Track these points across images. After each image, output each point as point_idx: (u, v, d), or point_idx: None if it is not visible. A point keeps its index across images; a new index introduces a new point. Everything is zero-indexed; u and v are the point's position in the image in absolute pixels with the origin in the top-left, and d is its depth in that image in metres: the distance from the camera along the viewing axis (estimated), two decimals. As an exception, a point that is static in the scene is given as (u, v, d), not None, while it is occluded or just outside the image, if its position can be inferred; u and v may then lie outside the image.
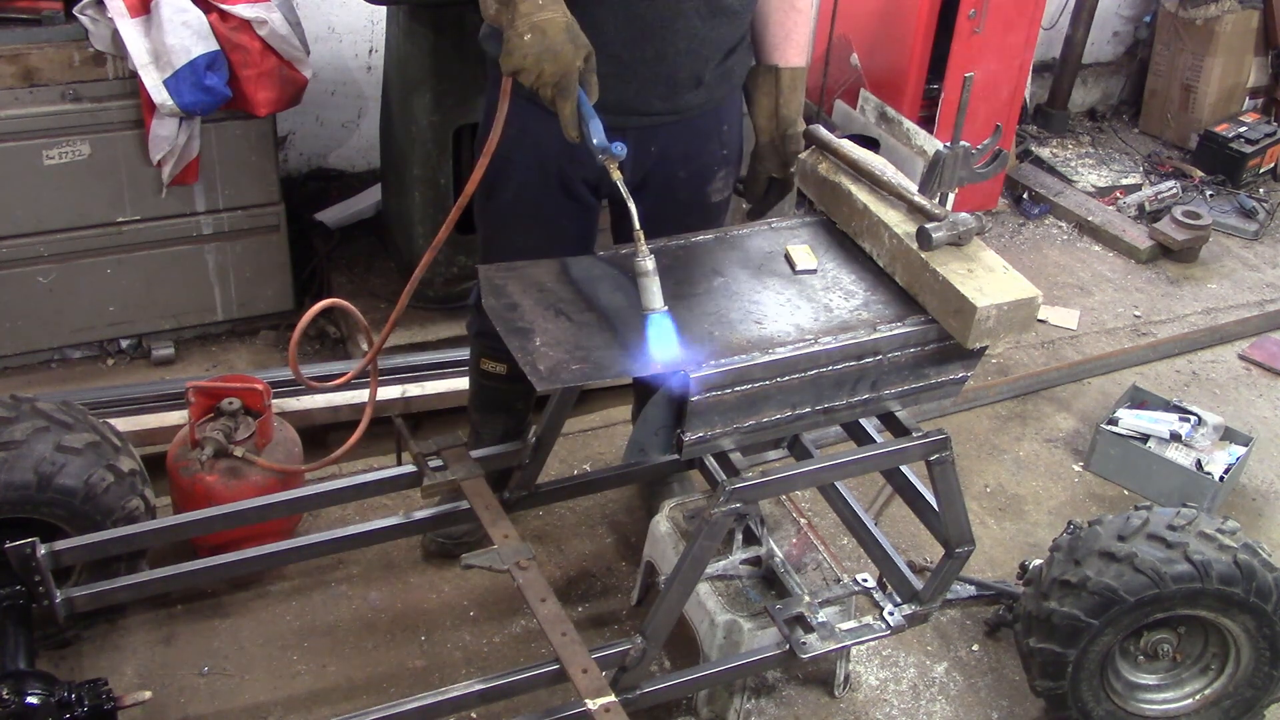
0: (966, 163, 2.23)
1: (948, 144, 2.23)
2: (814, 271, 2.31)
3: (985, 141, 2.24)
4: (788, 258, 2.33)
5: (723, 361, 2.05)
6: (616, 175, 2.08)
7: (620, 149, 2.06)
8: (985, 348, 2.21)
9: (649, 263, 2.06)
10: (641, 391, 2.90)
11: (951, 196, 2.41)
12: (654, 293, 2.05)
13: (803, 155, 2.49)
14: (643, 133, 2.41)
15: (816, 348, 2.11)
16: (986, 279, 2.14)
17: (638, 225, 2.06)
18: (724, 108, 2.53)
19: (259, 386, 2.86)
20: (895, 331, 2.17)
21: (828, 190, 2.42)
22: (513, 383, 2.78)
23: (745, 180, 2.63)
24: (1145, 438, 3.48)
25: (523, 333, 2.09)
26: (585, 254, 2.35)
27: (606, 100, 2.13)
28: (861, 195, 2.34)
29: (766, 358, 2.08)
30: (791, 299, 2.24)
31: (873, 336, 2.16)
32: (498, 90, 2.18)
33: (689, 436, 2.10)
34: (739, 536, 2.61)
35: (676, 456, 2.17)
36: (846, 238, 2.40)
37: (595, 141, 2.06)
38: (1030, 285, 2.16)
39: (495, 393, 2.89)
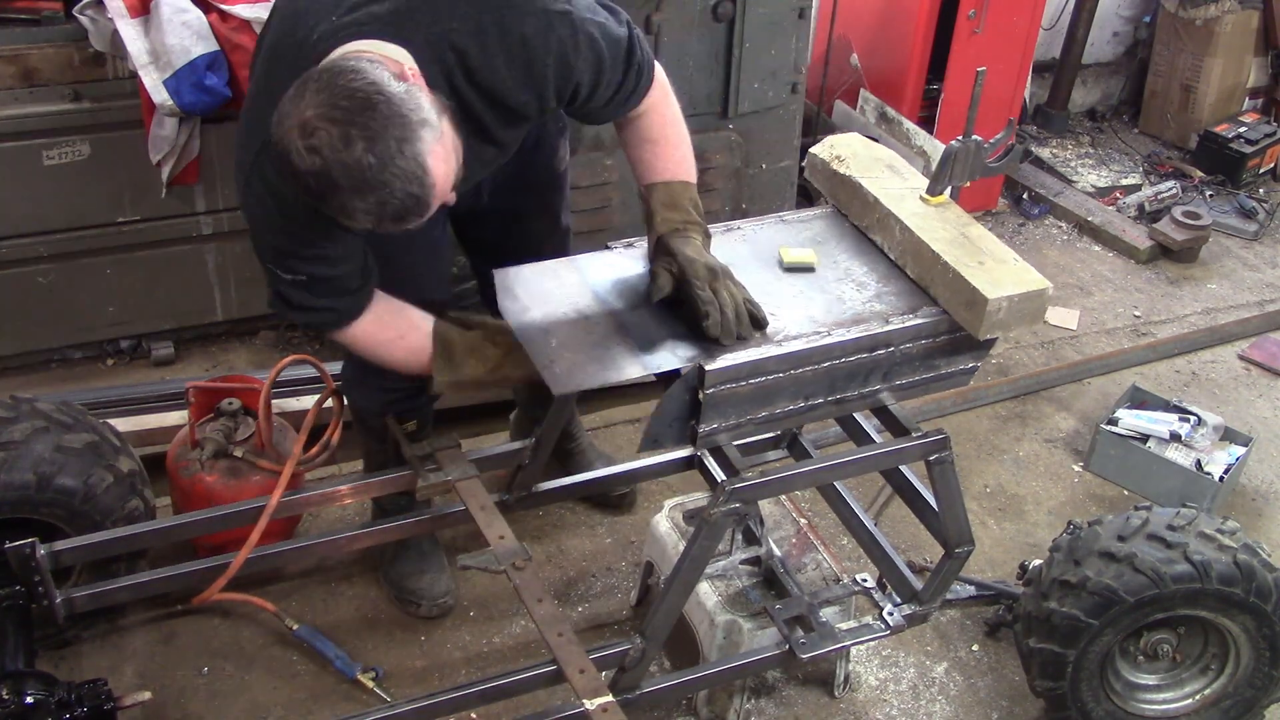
0: (979, 157, 2.23)
1: (959, 138, 2.23)
2: (812, 270, 2.30)
3: (998, 136, 2.24)
4: (780, 259, 2.32)
5: (737, 354, 2.06)
6: None
7: None
8: (996, 338, 2.22)
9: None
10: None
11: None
12: None
13: (814, 150, 2.48)
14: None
15: (830, 340, 2.12)
16: (998, 270, 2.15)
17: None
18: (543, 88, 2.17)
19: (259, 386, 2.86)
20: (908, 324, 2.17)
21: (839, 184, 2.42)
22: (422, 429, 2.70)
23: None
24: (1145, 438, 3.47)
25: (539, 333, 2.09)
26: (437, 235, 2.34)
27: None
28: (872, 189, 2.34)
29: (780, 350, 2.08)
30: (804, 291, 2.24)
31: (885, 329, 2.16)
32: None
33: (703, 428, 2.10)
34: (739, 536, 2.61)
35: (691, 450, 2.16)
36: (858, 230, 2.40)
37: None
38: (1040, 276, 2.16)
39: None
